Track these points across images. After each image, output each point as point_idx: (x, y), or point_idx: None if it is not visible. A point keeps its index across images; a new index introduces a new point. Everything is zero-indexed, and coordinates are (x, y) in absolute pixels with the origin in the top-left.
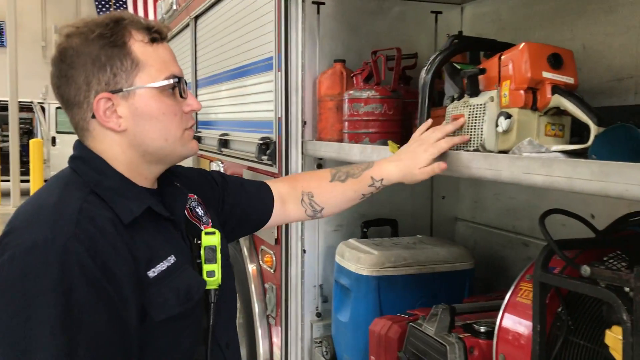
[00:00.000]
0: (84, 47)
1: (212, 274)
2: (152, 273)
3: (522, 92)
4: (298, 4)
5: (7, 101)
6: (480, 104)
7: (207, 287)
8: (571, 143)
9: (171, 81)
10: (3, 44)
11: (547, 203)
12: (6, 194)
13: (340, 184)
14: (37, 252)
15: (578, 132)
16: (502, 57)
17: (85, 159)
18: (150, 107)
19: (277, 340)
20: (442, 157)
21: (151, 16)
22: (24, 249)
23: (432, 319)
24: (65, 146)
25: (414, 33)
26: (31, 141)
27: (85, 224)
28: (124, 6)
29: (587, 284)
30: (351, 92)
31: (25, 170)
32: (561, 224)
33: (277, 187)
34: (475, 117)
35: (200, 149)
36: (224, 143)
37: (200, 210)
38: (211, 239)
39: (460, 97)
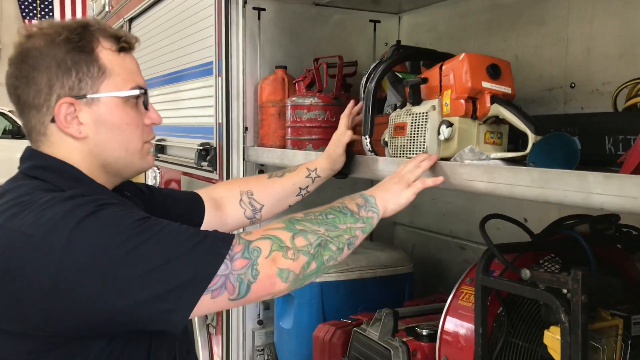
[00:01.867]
0: (49, 49)
1: None
2: None
3: (462, 101)
4: (239, 10)
5: None
6: (423, 113)
7: None
8: (508, 151)
9: (137, 92)
10: None
11: (482, 208)
12: None
13: (278, 179)
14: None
15: (513, 140)
16: (443, 67)
17: (51, 168)
18: (113, 116)
19: (217, 350)
20: (383, 164)
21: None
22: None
23: (376, 324)
24: None
25: (354, 41)
26: None
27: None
28: (50, 7)
29: (527, 286)
30: (294, 98)
31: None
32: (496, 227)
33: (211, 193)
34: (418, 125)
35: None
36: (160, 149)
37: None
38: None
39: (402, 106)
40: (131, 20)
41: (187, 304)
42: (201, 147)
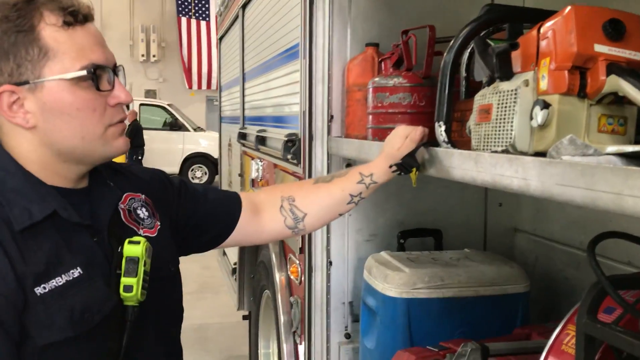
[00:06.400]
0: None
1: (130, 289)
2: (41, 289)
3: (565, 72)
4: None
5: None
6: (511, 90)
7: (126, 304)
8: (636, 143)
9: (84, 72)
10: None
11: (622, 215)
12: None
13: (324, 185)
14: None
15: None
16: (542, 28)
17: None
18: (61, 101)
19: None
20: (458, 159)
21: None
22: None
23: None
24: (150, 142)
25: (466, 11)
26: None
27: None
28: (207, 5)
29: None
30: (376, 79)
31: None
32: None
33: (252, 197)
34: (505, 107)
35: (244, 146)
36: (261, 140)
37: (143, 212)
38: (134, 248)
39: (490, 82)
40: (244, 6)
41: None
42: (287, 138)
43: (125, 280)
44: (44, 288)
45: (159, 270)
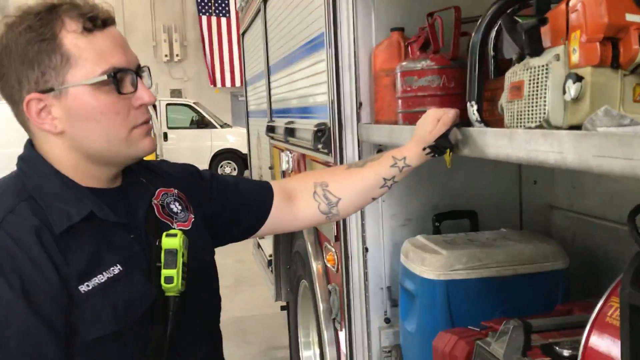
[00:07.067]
0: (12, 42)
1: (171, 280)
2: (85, 287)
3: (597, 44)
4: None
5: None
6: (542, 66)
7: (167, 294)
8: None
9: (106, 76)
10: None
11: None
12: None
13: (357, 169)
14: None
15: None
16: (571, 1)
17: (29, 161)
18: (85, 106)
19: (344, 347)
20: (492, 137)
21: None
22: None
23: (502, 338)
24: (179, 141)
25: None
26: None
27: (3, 238)
28: (226, 1)
29: None
30: (403, 63)
31: None
32: None
33: (283, 184)
34: (537, 82)
35: (273, 139)
36: (289, 131)
37: (176, 207)
38: (171, 241)
39: (520, 59)
40: (265, 0)
41: None
42: (316, 128)
43: (165, 272)
44: (88, 286)
45: (196, 261)
